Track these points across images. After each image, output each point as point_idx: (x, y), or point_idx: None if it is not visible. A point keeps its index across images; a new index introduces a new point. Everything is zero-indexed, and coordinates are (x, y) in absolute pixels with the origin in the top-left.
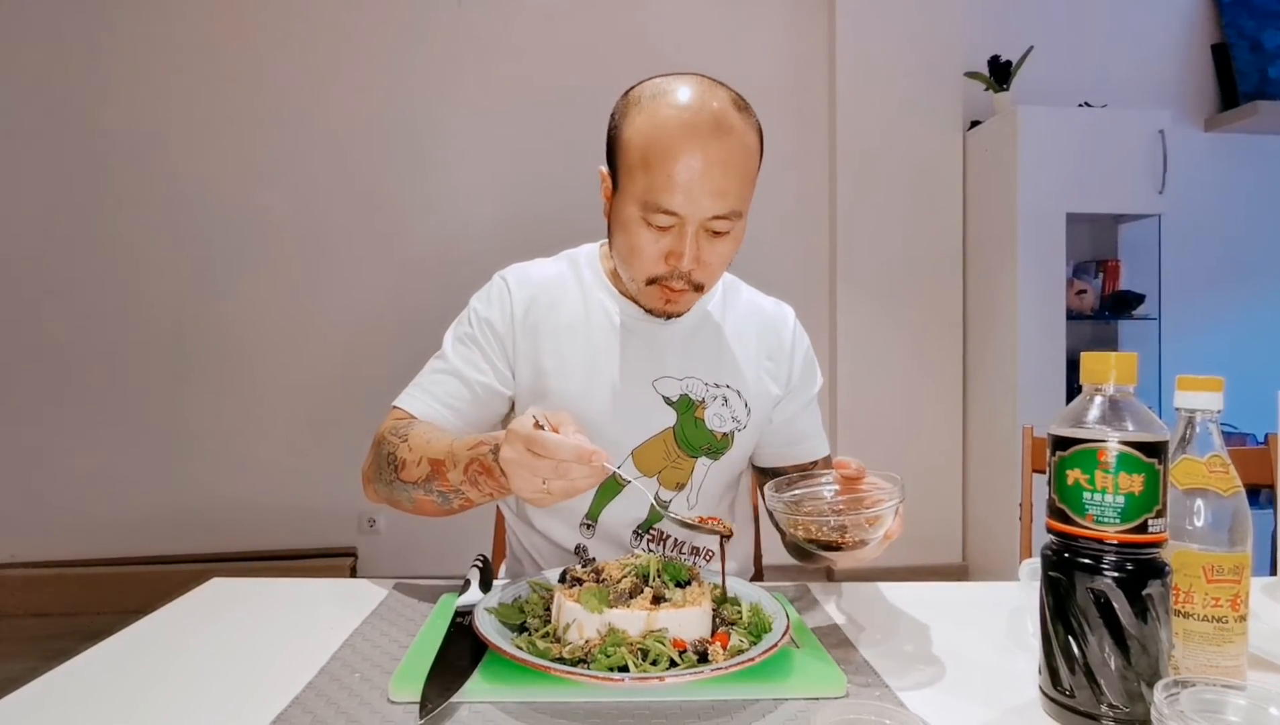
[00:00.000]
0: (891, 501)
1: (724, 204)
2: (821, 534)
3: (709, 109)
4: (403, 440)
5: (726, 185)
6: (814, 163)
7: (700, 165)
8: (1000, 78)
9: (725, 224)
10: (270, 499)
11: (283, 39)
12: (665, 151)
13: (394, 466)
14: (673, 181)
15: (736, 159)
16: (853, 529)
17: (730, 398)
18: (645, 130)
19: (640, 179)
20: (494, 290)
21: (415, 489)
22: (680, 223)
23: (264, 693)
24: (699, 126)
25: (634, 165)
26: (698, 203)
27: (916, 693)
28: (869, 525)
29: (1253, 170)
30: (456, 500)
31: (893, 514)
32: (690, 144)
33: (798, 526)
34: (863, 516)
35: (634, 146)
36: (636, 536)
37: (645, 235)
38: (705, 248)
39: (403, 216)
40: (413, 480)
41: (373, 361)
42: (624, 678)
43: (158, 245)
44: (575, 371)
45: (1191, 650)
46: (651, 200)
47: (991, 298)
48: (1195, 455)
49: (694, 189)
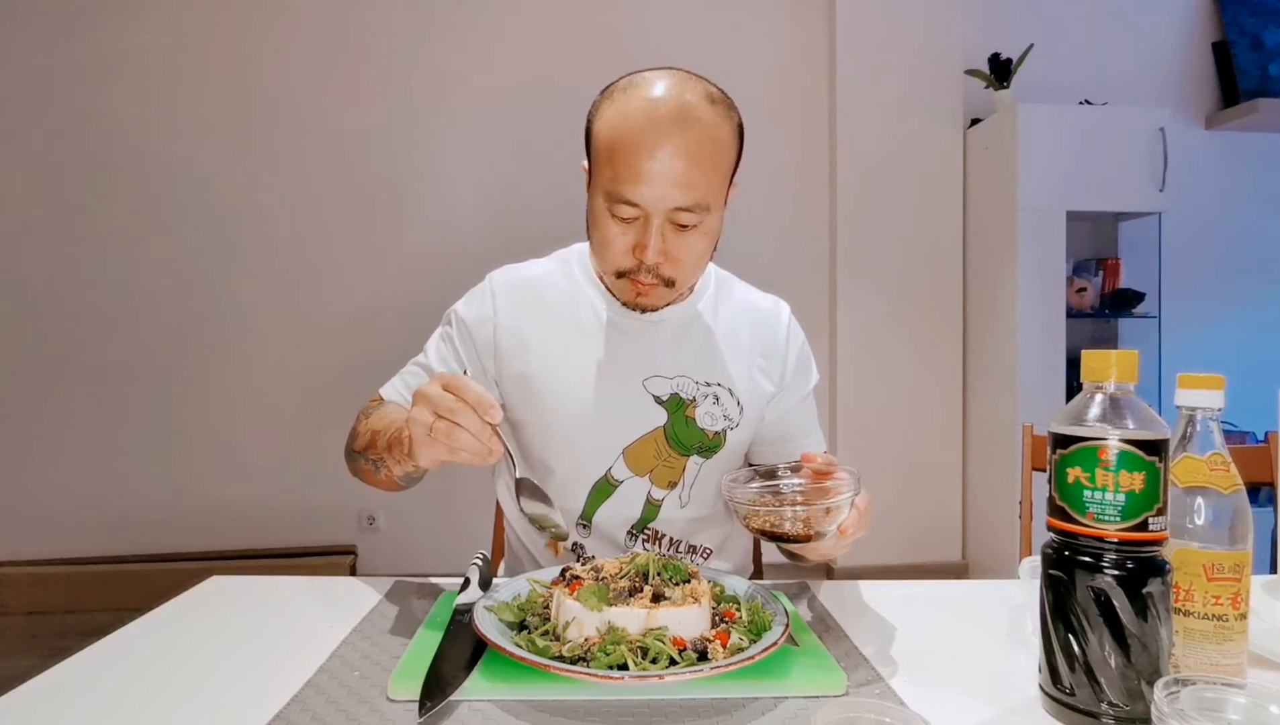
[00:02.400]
0: (847, 493)
1: (688, 196)
2: (771, 526)
3: (675, 100)
4: (365, 417)
5: (690, 177)
6: (814, 160)
7: (662, 156)
8: (1001, 75)
9: (691, 216)
10: (270, 497)
11: (278, 38)
12: (627, 143)
13: (351, 438)
14: (634, 172)
15: (703, 151)
16: (811, 521)
17: (721, 396)
18: (613, 121)
19: (606, 170)
20: (478, 292)
21: (360, 458)
22: (644, 215)
23: (263, 691)
24: (661, 117)
25: (601, 157)
26: (660, 194)
27: (916, 691)
28: (826, 517)
29: (1253, 168)
30: (383, 469)
31: (848, 506)
32: (651, 135)
33: (753, 517)
34: (820, 507)
35: (602, 138)
36: (631, 536)
37: (612, 228)
38: (672, 241)
39: (400, 214)
40: (359, 449)
41: (372, 358)
42: (623, 676)
43: (156, 243)
44: (565, 370)
45: (1192, 648)
46: (614, 191)
47: (991, 295)
48: (1196, 453)
49: (655, 180)
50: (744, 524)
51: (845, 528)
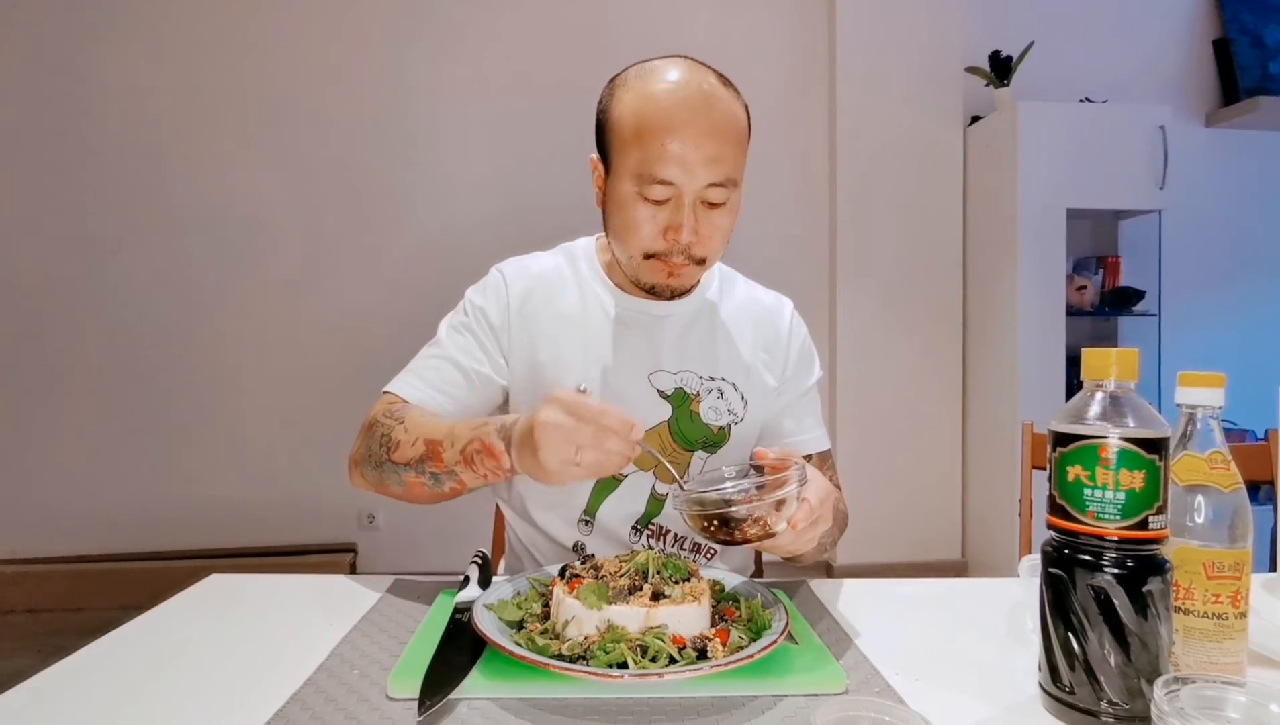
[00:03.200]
0: (791, 487)
1: (719, 171)
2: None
3: (696, 81)
4: (399, 422)
5: (720, 151)
6: (815, 158)
7: (694, 134)
8: (1001, 73)
9: (721, 192)
10: (269, 495)
11: (276, 35)
12: (658, 123)
13: (386, 447)
14: (667, 151)
15: (729, 127)
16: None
17: (726, 391)
18: (636, 105)
19: (634, 153)
20: (490, 282)
21: (407, 471)
22: (677, 194)
23: (263, 689)
24: (689, 97)
25: (627, 141)
26: (693, 171)
27: (916, 689)
28: (776, 512)
29: (1254, 166)
30: (449, 482)
31: (794, 499)
32: (683, 113)
33: (699, 519)
34: (767, 503)
35: (625, 123)
36: (635, 532)
37: (642, 210)
38: (703, 220)
39: (398, 212)
40: (405, 461)
41: (372, 355)
42: (623, 674)
43: (156, 241)
44: (571, 364)
45: (1191, 647)
46: (647, 171)
47: (992, 293)
48: (1196, 451)
49: (689, 157)
50: (696, 530)
51: (795, 522)
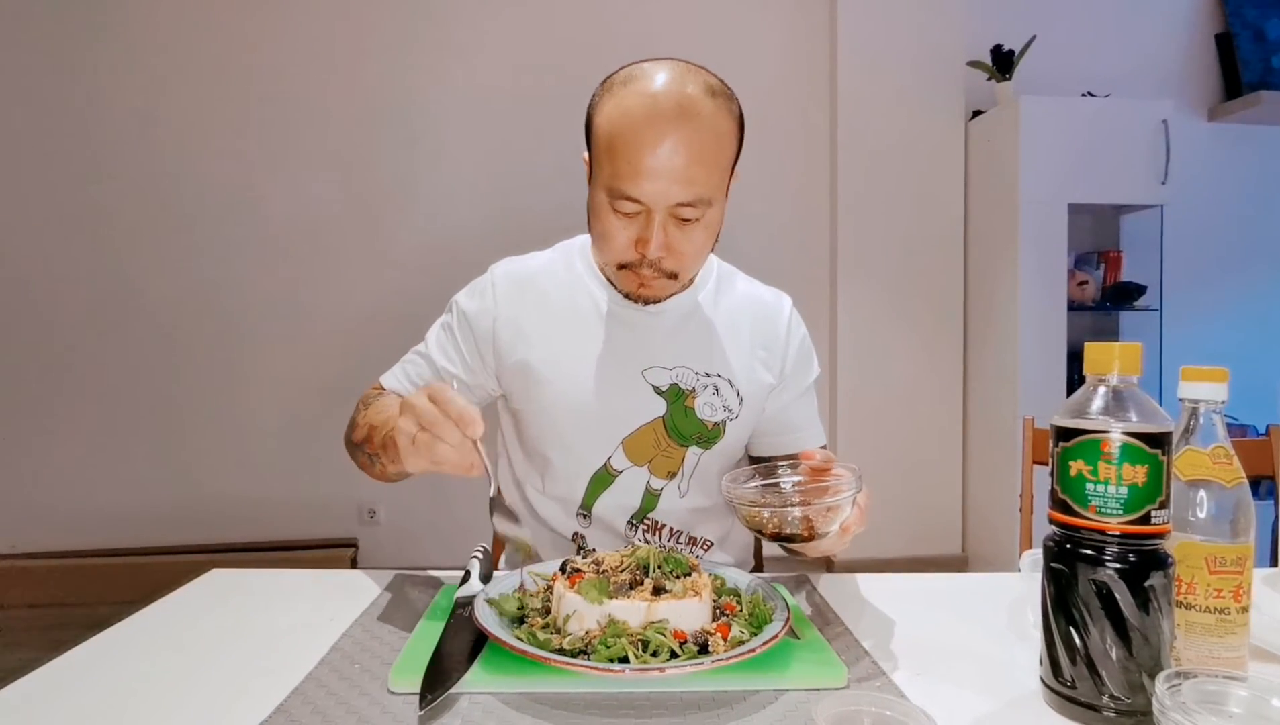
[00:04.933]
0: (849, 492)
1: (689, 191)
2: (774, 527)
3: (675, 95)
4: (366, 406)
5: (692, 173)
6: (815, 153)
7: (664, 153)
8: (1003, 67)
9: (692, 211)
10: (270, 490)
11: (277, 35)
12: (628, 139)
13: (351, 428)
14: (636, 169)
15: (704, 146)
16: (814, 521)
17: (721, 387)
18: (613, 116)
19: (607, 166)
20: (478, 284)
21: (357, 450)
22: (646, 210)
23: (264, 683)
24: (662, 113)
25: (602, 152)
26: (662, 191)
27: (917, 684)
28: (828, 516)
29: (1256, 161)
30: (377, 465)
31: (850, 504)
32: (652, 132)
33: (754, 518)
34: (821, 506)
35: (602, 133)
36: (631, 526)
37: (614, 222)
38: (675, 235)
39: (399, 210)
40: (357, 441)
41: (372, 352)
42: (624, 669)
43: (157, 238)
44: (565, 361)
45: (1193, 641)
46: (616, 187)
47: (992, 288)
48: (1198, 446)
49: (658, 177)
50: (745, 524)
51: (847, 525)
